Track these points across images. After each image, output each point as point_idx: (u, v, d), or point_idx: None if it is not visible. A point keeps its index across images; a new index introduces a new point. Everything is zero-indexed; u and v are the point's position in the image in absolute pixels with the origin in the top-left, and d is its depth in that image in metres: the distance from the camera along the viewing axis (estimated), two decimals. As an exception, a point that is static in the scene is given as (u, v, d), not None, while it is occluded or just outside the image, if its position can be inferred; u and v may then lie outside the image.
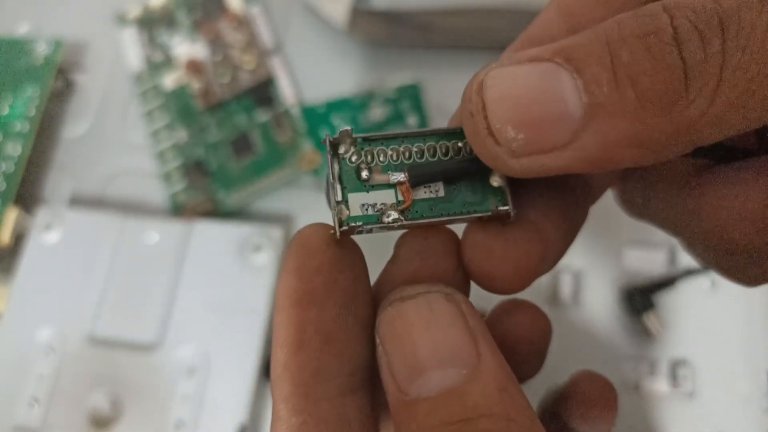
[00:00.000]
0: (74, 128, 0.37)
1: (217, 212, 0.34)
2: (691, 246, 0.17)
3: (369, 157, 0.14)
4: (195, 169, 0.35)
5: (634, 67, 0.12)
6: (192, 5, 0.38)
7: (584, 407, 0.19)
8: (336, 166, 0.14)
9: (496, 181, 0.14)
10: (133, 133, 0.37)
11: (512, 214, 0.14)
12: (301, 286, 0.14)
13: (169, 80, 0.37)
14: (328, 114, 0.35)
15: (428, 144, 0.14)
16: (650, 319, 0.30)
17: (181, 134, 0.36)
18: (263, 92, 0.36)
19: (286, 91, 0.36)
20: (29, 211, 0.33)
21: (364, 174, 0.14)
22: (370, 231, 0.14)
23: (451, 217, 0.14)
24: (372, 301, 0.15)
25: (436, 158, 0.14)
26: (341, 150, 0.14)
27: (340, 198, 0.14)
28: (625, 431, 0.30)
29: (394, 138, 0.14)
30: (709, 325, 0.30)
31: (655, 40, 0.12)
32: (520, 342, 0.17)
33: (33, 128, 0.35)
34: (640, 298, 0.31)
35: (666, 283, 0.30)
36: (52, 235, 0.33)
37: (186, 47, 0.37)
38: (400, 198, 0.14)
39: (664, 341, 0.31)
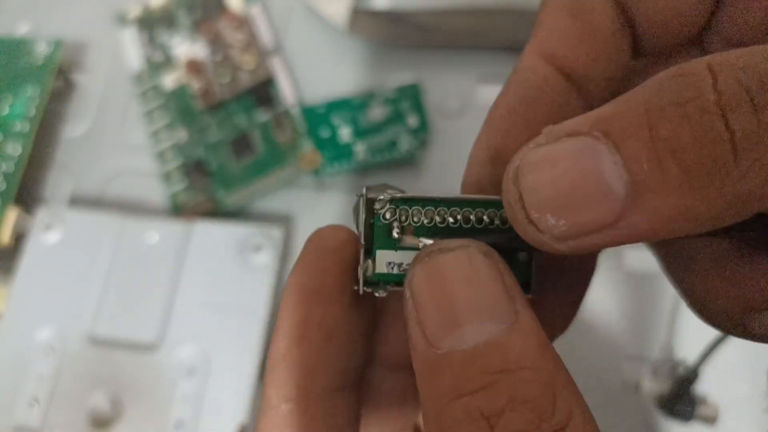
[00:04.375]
0: (74, 128, 0.37)
1: (217, 212, 0.34)
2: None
3: (403, 217, 0.14)
4: (195, 169, 0.35)
5: (675, 141, 0.11)
6: (192, 5, 0.38)
7: None
8: (369, 223, 0.14)
9: (522, 257, 0.14)
10: (133, 133, 0.37)
11: (530, 294, 0.14)
12: (311, 283, 0.14)
13: (169, 80, 0.36)
14: (328, 114, 0.35)
15: (464, 210, 0.14)
16: (701, 411, 0.29)
17: (181, 134, 0.36)
18: (263, 92, 0.36)
19: (286, 91, 0.36)
20: (29, 211, 0.33)
21: (395, 233, 0.14)
22: (393, 291, 0.14)
23: None
24: (375, 305, 0.15)
25: (469, 226, 0.14)
26: (377, 206, 0.14)
27: (367, 254, 0.14)
28: (625, 431, 0.30)
29: (430, 200, 0.14)
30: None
31: (694, 108, 0.11)
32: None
33: (33, 128, 0.35)
34: (683, 402, 0.29)
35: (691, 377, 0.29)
36: (52, 235, 0.33)
37: (186, 47, 0.37)
38: None
39: (663, 342, 0.31)
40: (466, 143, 0.40)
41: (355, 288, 0.14)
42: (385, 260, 0.14)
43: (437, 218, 0.14)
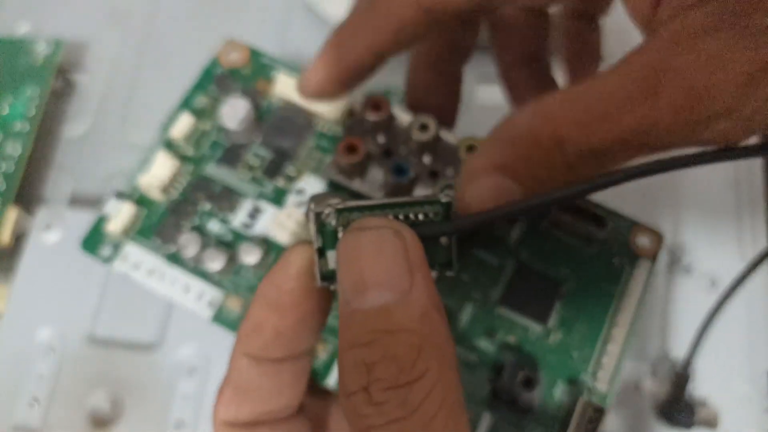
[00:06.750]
0: (74, 128, 0.37)
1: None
2: None
3: (346, 221, 0.16)
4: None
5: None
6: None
7: None
8: (317, 230, 0.16)
9: (444, 241, 0.17)
10: (133, 133, 0.36)
11: (454, 271, 0.17)
12: (272, 298, 0.17)
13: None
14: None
15: (395, 211, 0.16)
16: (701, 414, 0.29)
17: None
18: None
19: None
20: (29, 211, 0.33)
21: (341, 235, 0.16)
22: None
23: None
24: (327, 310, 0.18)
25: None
26: (323, 216, 0.16)
27: (319, 256, 0.16)
28: (626, 431, 0.30)
29: (368, 207, 0.16)
30: (709, 325, 0.30)
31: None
32: None
33: (33, 128, 0.35)
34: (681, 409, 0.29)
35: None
36: (52, 235, 0.33)
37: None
38: None
39: (663, 341, 0.31)
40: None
41: (314, 285, 0.17)
42: (335, 258, 0.16)
43: None
